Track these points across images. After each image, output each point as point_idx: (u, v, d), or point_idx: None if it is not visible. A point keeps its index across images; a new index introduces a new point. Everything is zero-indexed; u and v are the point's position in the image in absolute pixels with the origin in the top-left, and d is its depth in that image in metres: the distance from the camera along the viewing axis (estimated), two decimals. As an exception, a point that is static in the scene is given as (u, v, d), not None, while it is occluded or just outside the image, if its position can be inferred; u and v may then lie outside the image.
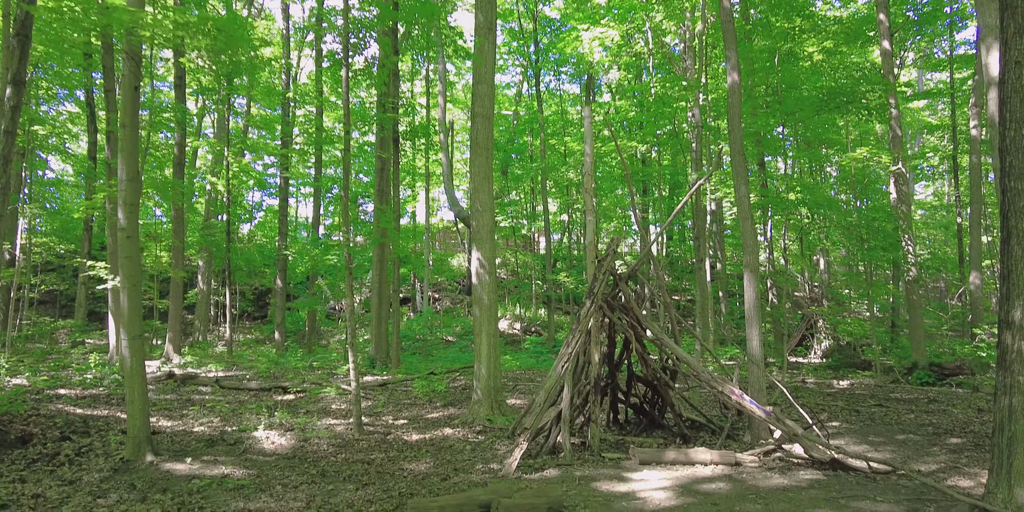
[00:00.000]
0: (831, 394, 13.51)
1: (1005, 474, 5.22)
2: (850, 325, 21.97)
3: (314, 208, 25.08)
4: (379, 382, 13.79)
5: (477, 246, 10.45)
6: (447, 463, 7.69)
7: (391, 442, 8.73)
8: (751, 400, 7.68)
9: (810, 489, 6.48)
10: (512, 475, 7.00)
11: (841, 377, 16.66)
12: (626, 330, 8.38)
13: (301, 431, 9.03)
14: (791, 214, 22.16)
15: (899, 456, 8.10)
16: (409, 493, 6.46)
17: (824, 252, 33.07)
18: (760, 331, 8.84)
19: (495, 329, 10.29)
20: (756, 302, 8.89)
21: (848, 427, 9.92)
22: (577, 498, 6.19)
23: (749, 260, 9.01)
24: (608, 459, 7.75)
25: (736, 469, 7.33)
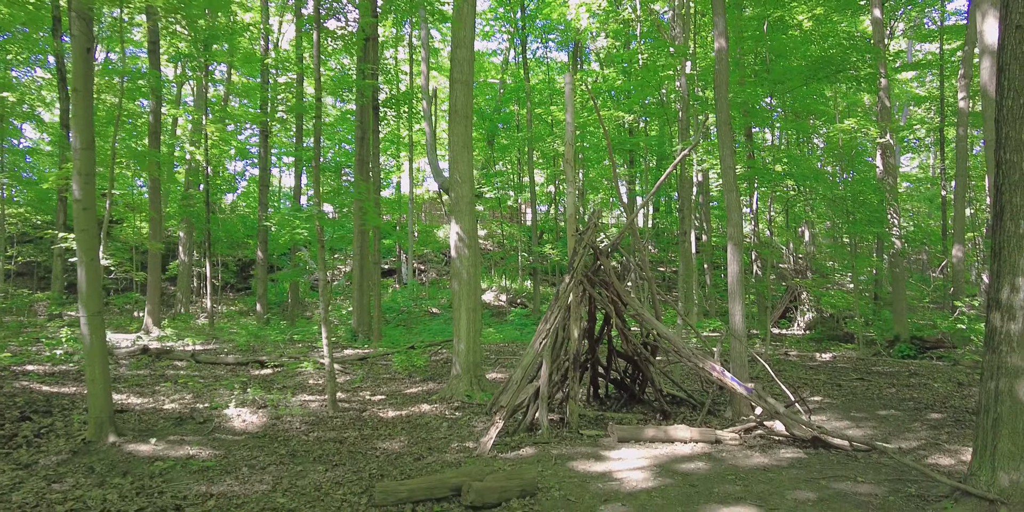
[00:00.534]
0: (813, 367, 13.42)
1: (989, 456, 5.05)
2: (833, 297, 21.89)
3: (295, 178, 24.54)
4: (359, 356, 13.55)
5: (456, 218, 10.10)
6: (422, 442, 7.47)
7: (366, 419, 8.50)
8: (732, 376, 7.48)
9: (791, 468, 6.32)
10: (487, 454, 6.79)
11: (824, 350, 16.61)
12: (606, 305, 8.12)
13: (274, 408, 8.78)
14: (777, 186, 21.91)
15: (880, 432, 7.98)
16: (380, 474, 6.23)
17: (809, 224, 32.97)
18: (743, 305, 8.62)
19: (475, 303, 10.01)
20: (739, 276, 8.65)
21: (830, 402, 9.80)
22: (552, 479, 5.99)
23: (733, 232, 8.74)
24: (586, 436, 7.57)
25: (716, 447, 7.16)
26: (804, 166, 17.42)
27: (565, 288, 7.62)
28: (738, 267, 8.69)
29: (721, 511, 5.15)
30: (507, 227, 34.37)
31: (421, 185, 39.17)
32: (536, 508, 5.29)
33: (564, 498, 5.49)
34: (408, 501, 5.39)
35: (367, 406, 9.26)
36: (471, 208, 10.13)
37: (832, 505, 5.24)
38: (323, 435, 7.72)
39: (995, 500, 4.90)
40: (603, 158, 31.02)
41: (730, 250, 8.77)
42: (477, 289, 10.08)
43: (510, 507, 5.29)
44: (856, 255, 20.82)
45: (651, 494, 5.57)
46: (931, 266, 34.80)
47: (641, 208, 7.89)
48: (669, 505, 5.31)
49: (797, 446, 7.17)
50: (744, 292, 8.63)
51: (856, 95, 30.40)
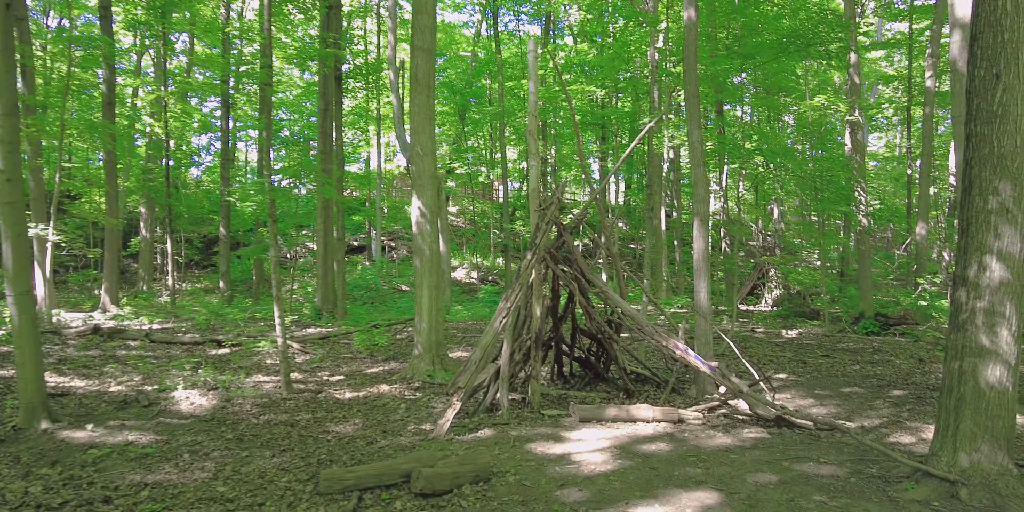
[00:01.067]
0: (779, 344, 13.39)
1: (951, 437, 4.91)
2: (801, 274, 21.98)
3: (259, 151, 23.79)
4: (321, 335, 13.18)
5: (418, 193, 9.71)
6: (377, 424, 7.18)
7: (321, 401, 8.18)
8: (695, 355, 7.29)
9: (753, 449, 6.16)
10: (444, 437, 6.53)
11: (790, 326, 16.64)
12: (570, 282, 7.85)
13: (225, 390, 8.41)
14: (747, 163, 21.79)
15: (844, 410, 7.88)
16: (329, 460, 5.94)
17: (778, 201, 33.08)
18: (709, 282, 8.42)
19: (437, 280, 9.68)
20: (705, 253, 8.43)
21: (795, 380, 9.72)
22: (509, 462, 5.75)
23: (700, 208, 8.49)
24: (548, 417, 7.34)
25: (679, 427, 6.99)
26: (774, 143, 17.29)
27: (527, 265, 7.33)
28: (704, 243, 8.46)
29: (681, 495, 4.95)
30: (479, 203, 33.94)
31: (392, 160, 38.46)
32: (489, 494, 5.04)
33: (519, 483, 5.26)
34: (355, 488, 5.11)
35: (324, 387, 8.94)
36: (434, 182, 9.74)
37: (793, 488, 5.08)
38: (274, 418, 7.39)
39: (956, 481, 4.77)
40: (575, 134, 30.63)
41: (696, 226, 8.53)
42: (439, 266, 9.75)
43: (462, 494, 5.03)
44: (824, 233, 20.87)
45: (609, 478, 5.36)
46: (896, 244, 35.26)
47: (605, 183, 7.57)
48: (627, 489, 5.10)
49: (761, 426, 7.03)
50: (710, 269, 8.43)
51: (827, 74, 30.31)
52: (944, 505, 4.68)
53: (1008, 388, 4.80)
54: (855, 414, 7.71)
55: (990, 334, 4.83)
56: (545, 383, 9.23)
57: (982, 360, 4.84)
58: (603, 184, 8.00)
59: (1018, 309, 4.84)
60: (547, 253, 7.70)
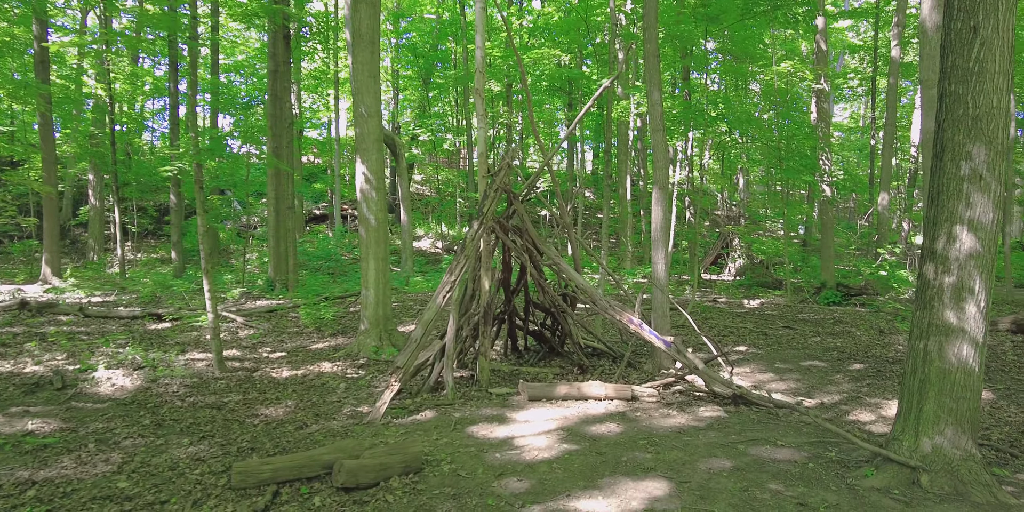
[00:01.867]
0: (741, 315, 13.13)
1: (913, 420, 4.55)
2: (764, 244, 21.85)
3: (211, 116, 22.62)
4: (268, 308, 12.53)
5: (362, 157, 9.04)
6: (311, 406, 6.66)
7: (256, 381, 7.62)
8: (650, 330, 6.87)
9: (708, 430, 5.78)
10: (380, 421, 6.04)
11: (752, 296, 16.43)
12: (521, 254, 7.33)
13: (153, 369, 7.79)
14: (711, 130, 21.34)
15: (804, 386, 7.58)
16: (251, 448, 5.42)
17: (744, 171, 32.87)
18: (667, 253, 7.98)
19: (384, 251, 9.09)
20: (664, 223, 7.96)
21: (755, 352, 9.42)
22: (446, 449, 5.29)
23: (659, 176, 7.99)
24: (495, 395, 6.89)
25: (632, 405, 6.59)
26: (739, 110, 16.82)
27: (473, 236, 6.77)
28: (663, 213, 7.98)
29: (627, 485, 4.54)
30: (444, 172, 33.09)
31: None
32: (419, 487, 4.58)
33: (454, 473, 4.80)
34: (272, 482, 4.60)
35: (261, 365, 8.36)
36: (379, 145, 9.06)
37: (748, 475, 4.70)
38: (201, 400, 6.82)
39: (917, 467, 4.43)
40: (543, 101, 29.80)
41: (655, 194, 8.04)
42: (386, 235, 9.14)
43: (389, 487, 4.56)
44: (788, 202, 20.64)
45: (552, 465, 4.93)
46: (858, 214, 35.44)
47: (556, 149, 6.98)
48: (570, 478, 4.68)
49: (718, 403, 6.67)
50: (668, 239, 7.97)
51: (794, 42, 29.85)
52: (904, 493, 4.34)
53: (975, 368, 4.44)
54: (815, 389, 7.41)
55: (957, 310, 4.44)
56: (498, 358, 8.79)
57: (948, 339, 4.46)
58: (554, 150, 7.37)
59: (987, 284, 4.45)
60: (496, 223, 7.15)
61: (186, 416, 6.27)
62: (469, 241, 6.69)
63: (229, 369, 7.97)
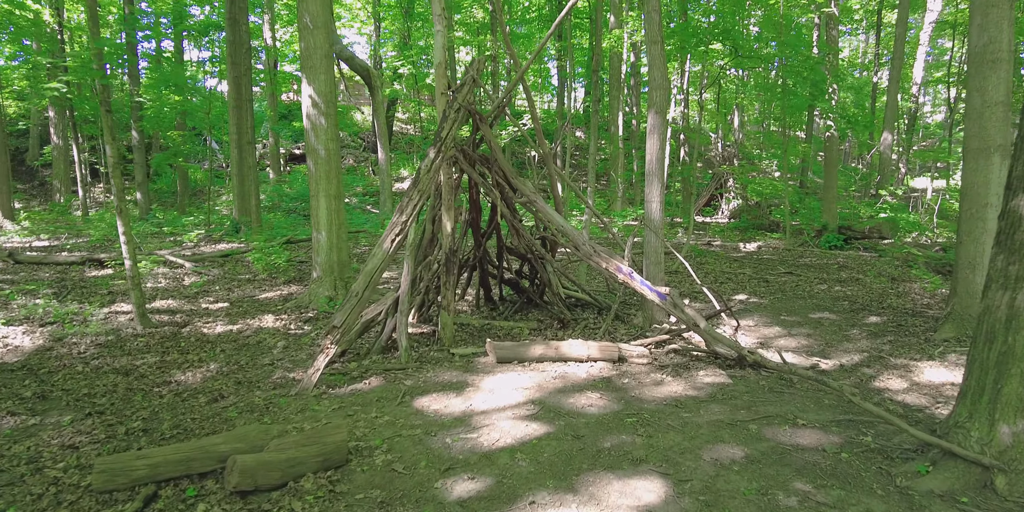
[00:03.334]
0: (738, 259, 11.96)
1: (987, 404, 3.40)
2: (760, 185, 20.47)
3: (175, 42, 20.65)
4: (222, 252, 11.23)
5: (308, 77, 7.55)
6: (237, 370, 5.48)
7: (182, 338, 6.41)
8: (642, 280, 5.65)
9: (711, 403, 4.65)
10: (311, 391, 4.87)
11: (749, 239, 15.24)
12: (490, 190, 6.01)
13: (63, 325, 6.57)
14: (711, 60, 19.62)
15: (817, 342, 6.45)
16: (143, 429, 4.25)
17: (739, 109, 31.13)
18: (662, 190, 6.67)
19: (337, 188, 7.74)
20: (660, 154, 6.62)
21: (757, 302, 8.27)
22: (386, 430, 4.14)
23: (657, 98, 6.59)
24: (459, 357, 5.73)
25: (619, 368, 5.45)
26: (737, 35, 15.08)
27: (429, 167, 5.43)
28: (659, 142, 6.63)
29: (610, 486, 3.42)
30: (428, 109, 31.17)
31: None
32: (340, 489, 3.44)
33: (388, 467, 3.66)
34: (150, 481, 3.45)
35: (194, 318, 7.14)
36: (327, 64, 7.57)
37: (765, 470, 3.58)
38: (108, 363, 5.62)
39: (991, 466, 3.30)
40: (531, 34, 27.68)
41: (651, 120, 6.66)
42: (337, 169, 7.76)
43: (299, 490, 3.41)
44: (788, 139, 19.15)
45: (516, 455, 3.79)
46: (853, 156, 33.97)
47: (532, 61, 5.73)
48: (537, 475, 3.55)
49: (719, 365, 5.54)
50: (664, 174, 6.66)
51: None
52: (976, 500, 3.23)
53: (1078, 336, 3.26)
54: (830, 347, 6.28)
55: (1059, 258, 3.22)
56: (469, 310, 7.61)
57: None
58: (529, 61, 5.91)
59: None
60: (459, 151, 5.80)
61: (81, 385, 5.08)
62: (424, 173, 5.36)
63: (156, 324, 6.76)
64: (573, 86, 37.71)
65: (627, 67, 24.60)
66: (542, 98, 36.70)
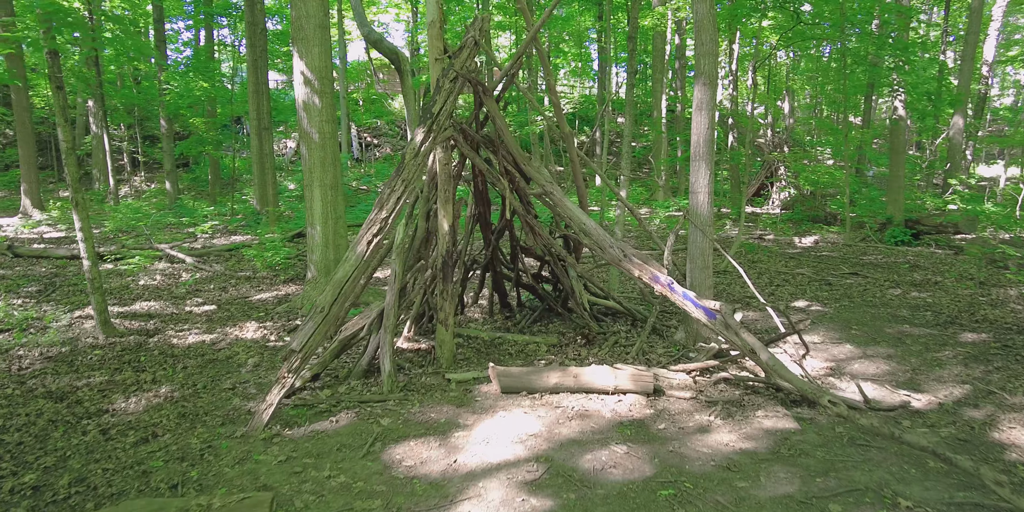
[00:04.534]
0: (794, 256, 10.52)
1: None
2: (814, 173, 18.69)
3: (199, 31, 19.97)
4: (232, 245, 10.35)
5: (300, 50, 6.49)
6: (189, 397, 4.48)
7: (145, 350, 5.47)
8: (685, 293, 4.42)
9: (774, 463, 3.42)
10: (261, 433, 3.82)
11: (803, 233, 13.69)
12: (497, 179, 4.85)
13: (17, 332, 5.70)
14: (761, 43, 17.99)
15: (900, 368, 5.11)
16: (32, 487, 3.27)
17: (790, 94, 29.08)
18: (711, 177, 5.38)
19: (334, 178, 6.68)
20: (708, 134, 5.33)
21: (820, 311, 6.92)
22: (334, 503, 3.05)
23: (705, 66, 5.30)
24: (455, 384, 4.62)
25: (654, 405, 4.25)
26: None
27: (415, 150, 4.29)
28: (708, 120, 5.34)
29: None
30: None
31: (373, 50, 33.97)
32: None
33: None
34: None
35: (169, 325, 6.20)
36: (323, 35, 6.49)
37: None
38: (46, 384, 4.70)
39: None
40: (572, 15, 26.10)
41: (698, 94, 5.37)
42: (335, 155, 6.70)
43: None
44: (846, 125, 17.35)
45: (502, 552, 2.65)
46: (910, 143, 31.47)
47: (546, 19, 4.70)
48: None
49: (781, 401, 4.29)
50: (713, 158, 5.36)
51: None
52: None
53: None
54: (919, 375, 4.94)
55: None
56: (482, 318, 6.49)
57: None
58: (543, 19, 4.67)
59: None
60: (459, 132, 4.63)
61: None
62: (409, 158, 4.23)
63: (122, 332, 5.84)
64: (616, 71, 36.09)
65: (671, 49, 22.99)
66: (583, 83, 35.17)
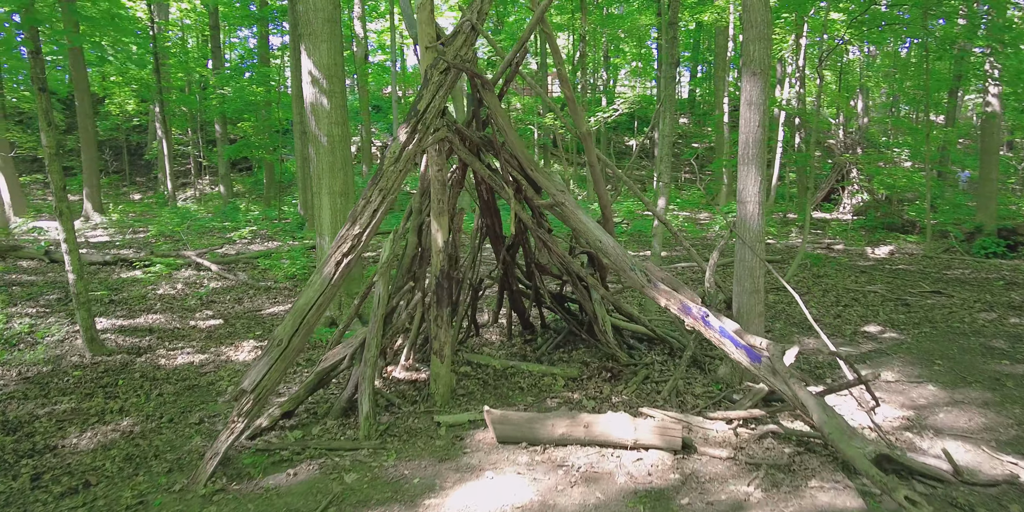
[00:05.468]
0: (865, 269, 9.31)
1: None
2: (891, 176, 17.01)
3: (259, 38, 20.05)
4: (264, 252, 9.96)
5: (308, 46, 5.93)
6: (149, 433, 3.92)
7: (129, 372, 4.99)
8: (722, 328, 3.54)
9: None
10: (201, 488, 3.20)
11: (877, 242, 12.33)
12: (502, 188, 4.10)
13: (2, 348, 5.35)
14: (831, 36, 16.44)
15: (1002, 419, 4.06)
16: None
17: (864, 92, 27.02)
18: (761, 179, 4.46)
19: (344, 184, 6.09)
20: (759, 133, 4.41)
21: (896, 340, 5.84)
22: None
23: (754, 51, 4.39)
24: (446, 429, 3.89)
25: (680, 467, 3.40)
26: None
27: (396, 154, 3.59)
28: (759, 116, 4.42)
29: None
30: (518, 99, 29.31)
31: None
32: None
33: None
34: None
35: (164, 342, 5.74)
36: (332, 29, 5.91)
37: None
38: (7, 410, 4.25)
39: None
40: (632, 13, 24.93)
41: (746, 84, 4.46)
42: (346, 160, 6.11)
43: None
44: (928, 124, 15.69)
45: None
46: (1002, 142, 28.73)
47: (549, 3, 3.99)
48: None
49: (841, 465, 3.36)
50: (764, 159, 4.44)
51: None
52: None
53: None
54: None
55: None
56: (500, 341, 5.75)
57: None
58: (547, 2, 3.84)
59: None
60: (454, 132, 3.91)
61: (-62, 449, 3.71)
62: (388, 163, 3.53)
63: (110, 350, 5.40)
64: (680, 71, 34.65)
65: (734, 46, 21.65)
66: (644, 84, 33.88)
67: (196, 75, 23.21)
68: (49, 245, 10.06)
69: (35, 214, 14.51)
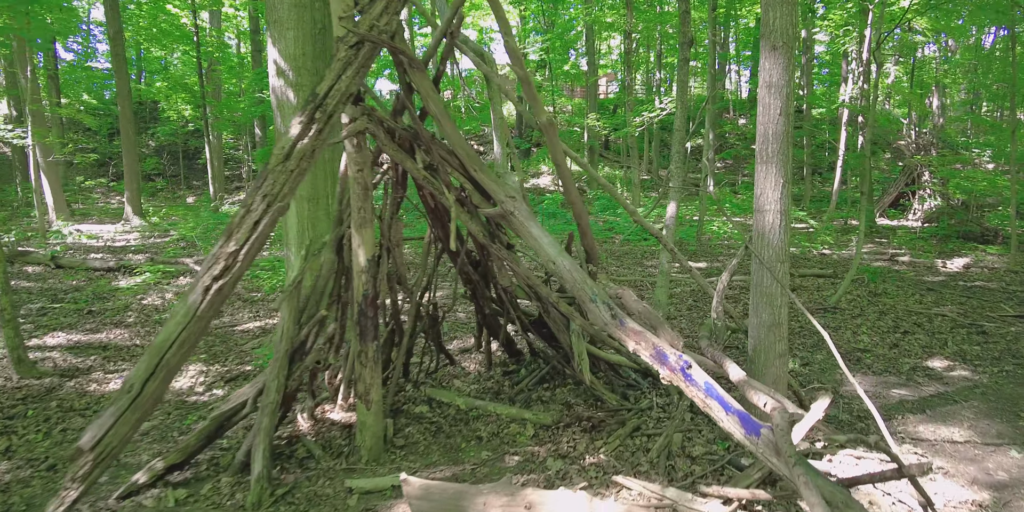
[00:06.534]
0: (933, 286, 7.96)
1: None
2: (968, 179, 15.12)
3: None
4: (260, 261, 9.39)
5: (273, 34, 5.24)
6: (17, 484, 3.24)
7: (48, 400, 4.38)
8: (708, 386, 2.56)
9: None
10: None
11: (950, 253, 10.79)
12: (440, 193, 3.24)
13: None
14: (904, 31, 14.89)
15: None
16: None
17: (940, 89, 24.70)
18: (785, 185, 3.44)
19: (313, 189, 5.31)
20: (782, 124, 3.40)
21: (967, 379, 4.65)
22: None
23: (774, 20, 3.37)
24: (358, 497, 3.05)
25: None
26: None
27: (286, 151, 2.78)
28: (781, 102, 3.41)
29: None
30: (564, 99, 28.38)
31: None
32: None
33: None
34: None
35: (107, 363, 5.13)
36: (300, 16, 5.18)
37: None
38: None
39: None
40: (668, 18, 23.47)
41: (765, 61, 3.46)
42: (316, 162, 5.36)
43: None
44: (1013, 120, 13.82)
45: None
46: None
47: None
48: None
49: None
50: (788, 157, 3.41)
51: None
52: None
53: None
54: None
55: None
56: (478, 371, 4.88)
57: None
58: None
59: None
60: (376, 123, 3.08)
61: None
62: (275, 163, 2.72)
63: (44, 371, 4.82)
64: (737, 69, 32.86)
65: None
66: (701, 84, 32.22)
67: (247, 80, 23.35)
68: (59, 252, 9.82)
69: (79, 217, 14.57)
